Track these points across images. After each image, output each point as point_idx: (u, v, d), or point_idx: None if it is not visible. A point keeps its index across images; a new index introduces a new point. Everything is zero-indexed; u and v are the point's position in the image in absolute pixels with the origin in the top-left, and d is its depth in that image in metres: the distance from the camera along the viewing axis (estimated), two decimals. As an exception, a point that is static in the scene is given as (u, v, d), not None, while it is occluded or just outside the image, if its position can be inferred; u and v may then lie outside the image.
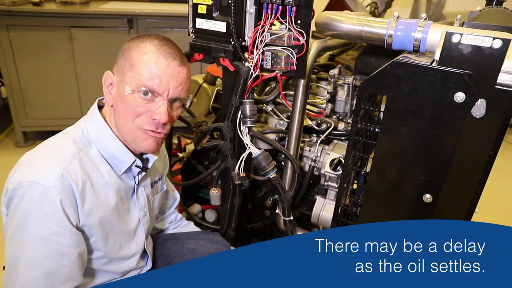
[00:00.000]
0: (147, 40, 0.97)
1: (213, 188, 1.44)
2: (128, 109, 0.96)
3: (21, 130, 3.10)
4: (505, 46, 0.85)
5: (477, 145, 0.95)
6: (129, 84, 0.94)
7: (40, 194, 0.86)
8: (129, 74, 0.95)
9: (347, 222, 1.24)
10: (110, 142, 1.00)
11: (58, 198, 0.87)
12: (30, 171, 0.89)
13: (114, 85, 0.98)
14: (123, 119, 0.98)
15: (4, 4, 2.69)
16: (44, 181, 0.87)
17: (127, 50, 0.97)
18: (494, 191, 2.83)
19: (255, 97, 1.36)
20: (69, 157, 0.92)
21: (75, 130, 1.00)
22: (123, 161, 1.02)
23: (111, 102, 0.99)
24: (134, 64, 0.94)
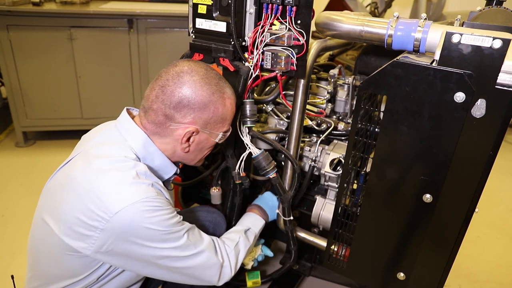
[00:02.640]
0: (223, 91, 1.03)
1: (213, 187, 1.45)
2: (208, 148, 1.11)
3: (21, 130, 3.09)
4: (505, 46, 0.85)
5: (477, 145, 0.95)
6: (220, 132, 1.07)
7: (149, 205, 0.91)
8: (220, 125, 1.06)
9: (347, 222, 1.24)
10: (157, 157, 1.04)
11: (159, 198, 0.94)
12: (127, 195, 0.90)
13: (198, 135, 1.04)
14: (198, 156, 1.12)
15: (4, 4, 2.68)
16: (143, 196, 0.91)
17: (212, 105, 1.01)
18: (494, 191, 2.83)
19: (255, 97, 1.36)
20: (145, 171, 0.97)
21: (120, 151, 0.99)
22: (167, 172, 1.08)
23: (188, 149, 1.06)
24: (225, 117, 1.06)
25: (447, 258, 1.11)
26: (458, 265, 1.75)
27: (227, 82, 1.07)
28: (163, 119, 1.00)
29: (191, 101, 0.98)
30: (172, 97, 0.97)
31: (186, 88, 0.98)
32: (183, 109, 0.98)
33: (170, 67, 1.01)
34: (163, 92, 0.98)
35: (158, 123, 1.01)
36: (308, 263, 1.74)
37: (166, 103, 0.98)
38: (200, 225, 1.32)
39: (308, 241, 1.49)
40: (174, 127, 1.00)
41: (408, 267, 1.17)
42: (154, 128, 1.02)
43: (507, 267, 2.20)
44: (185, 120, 1.00)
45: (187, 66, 1.01)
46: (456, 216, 1.05)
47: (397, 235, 1.16)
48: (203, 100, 0.99)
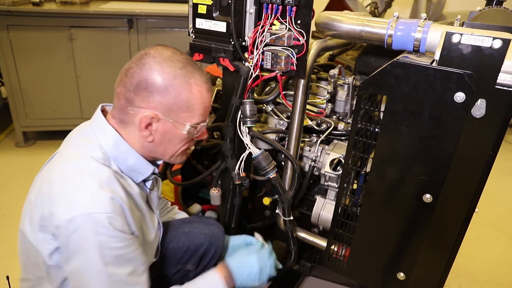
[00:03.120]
0: (192, 75, 0.96)
1: (213, 188, 1.44)
2: (178, 141, 1.01)
3: (21, 130, 3.10)
4: (505, 46, 0.85)
5: (477, 145, 0.95)
6: (187, 122, 0.97)
7: (101, 223, 0.86)
8: (186, 115, 0.96)
9: (347, 222, 1.24)
10: (129, 157, 0.99)
11: (115, 220, 0.88)
12: (78, 203, 0.87)
13: (158, 122, 0.96)
14: (168, 149, 1.02)
15: (4, 4, 2.68)
16: (98, 209, 0.86)
17: (173, 90, 0.93)
18: (494, 191, 2.83)
19: (255, 97, 1.36)
20: (108, 178, 0.92)
21: (90, 150, 0.95)
22: (143, 172, 1.03)
23: (151, 138, 0.98)
24: (192, 105, 0.96)
25: (447, 258, 1.11)
26: (458, 265, 1.75)
27: (199, 69, 0.99)
28: (124, 103, 0.94)
29: (149, 84, 0.92)
30: (132, 79, 0.92)
31: (146, 70, 0.92)
32: (142, 92, 0.92)
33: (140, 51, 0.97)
34: (126, 75, 0.94)
35: (120, 108, 0.96)
36: (308, 263, 1.74)
37: (127, 86, 0.93)
38: (194, 238, 1.31)
39: (308, 241, 1.49)
40: (133, 111, 0.94)
41: (408, 267, 1.17)
42: (118, 115, 0.97)
43: (507, 267, 2.20)
44: (143, 104, 0.93)
45: (153, 49, 0.95)
46: (456, 216, 1.05)
47: (397, 235, 1.16)
48: (162, 83, 0.92)
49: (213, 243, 1.31)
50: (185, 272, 1.32)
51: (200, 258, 1.31)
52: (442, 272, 1.13)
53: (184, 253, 1.31)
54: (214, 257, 1.31)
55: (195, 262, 1.32)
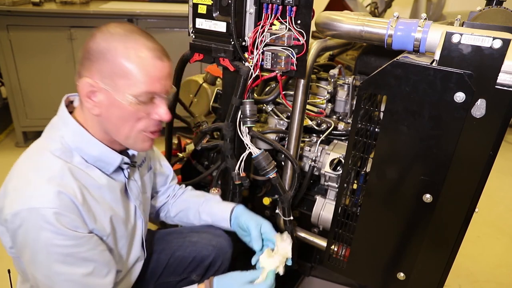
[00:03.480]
0: (131, 39, 0.89)
1: (213, 188, 1.44)
2: (127, 116, 0.92)
3: (21, 130, 3.10)
4: (505, 46, 0.85)
5: (477, 145, 0.95)
6: (127, 92, 0.88)
7: (44, 218, 0.84)
8: (124, 82, 0.88)
9: (347, 222, 1.24)
10: (92, 147, 0.95)
11: (62, 216, 0.85)
12: (23, 197, 0.85)
13: (100, 92, 0.90)
14: (120, 126, 0.93)
15: (4, 4, 2.69)
16: (43, 204, 0.84)
17: (108, 52, 0.87)
18: (494, 191, 2.83)
19: (255, 97, 1.36)
20: (59, 172, 0.88)
21: (50, 142, 0.93)
22: (110, 162, 0.98)
23: (97, 111, 0.91)
24: (129, 71, 0.87)
25: (447, 258, 1.11)
26: (458, 265, 1.75)
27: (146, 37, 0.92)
28: (76, 78, 0.92)
29: (90, 52, 0.88)
30: (81, 53, 0.91)
31: (91, 40, 0.89)
32: (85, 62, 0.89)
33: None
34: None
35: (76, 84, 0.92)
36: (308, 263, 1.74)
37: (79, 61, 0.92)
38: (201, 248, 1.29)
39: (308, 241, 1.49)
40: (79, 82, 0.90)
41: (408, 267, 1.17)
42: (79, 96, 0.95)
43: (507, 267, 2.20)
44: (86, 73, 0.89)
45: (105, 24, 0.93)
46: (456, 216, 1.05)
47: (397, 235, 1.16)
48: (100, 49, 0.87)
49: (220, 255, 1.29)
50: (190, 282, 1.31)
51: (206, 269, 1.31)
52: (442, 272, 1.13)
53: (190, 263, 1.30)
54: (220, 269, 1.31)
55: (200, 272, 1.31)
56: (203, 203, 1.33)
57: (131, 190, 1.09)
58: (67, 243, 0.87)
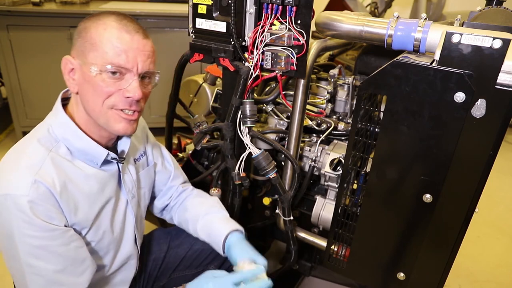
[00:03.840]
0: (105, 17, 0.92)
1: (213, 188, 1.44)
2: (97, 91, 0.91)
3: (21, 130, 3.10)
4: (505, 46, 0.85)
5: (477, 145, 0.95)
6: (95, 64, 0.90)
7: (17, 206, 0.83)
8: (92, 54, 0.90)
9: (347, 222, 1.24)
10: (77, 139, 0.95)
11: (36, 205, 0.84)
12: (1, 183, 0.86)
13: (76, 69, 0.94)
14: (92, 103, 0.93)
15: (4, 4, 2.69)
16: (17, 191, 0.83)
17: (83, 30, 0.92)
18: (494, 191, 2.83)
19: (255, 97, 1.36)
20: (39, 160, 0.88)
21: (40, 130, 0.96)
22: (96, 156, 0.98)
23: (76, 89, 0.95)
24: (96, 42, 0.89)
25: (447, 258, 1.11)
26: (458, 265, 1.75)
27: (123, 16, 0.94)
28: None
29: (75, 33, 0.95)
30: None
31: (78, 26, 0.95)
32: (73, 43, 0.95)
33: None
34: None
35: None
36: (308, 263, 1.74)
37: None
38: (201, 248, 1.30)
39: (308, 241, 1.49)
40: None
41: (408, 267, 1.17)
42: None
43: (507, 267, 2.20)
44: (70, 53, 0.95)
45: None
46: (456, 216, 1.05)
47: (397, 235, 1.16)
48: (78, 29, 0.93)
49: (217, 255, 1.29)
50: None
51: (223, 261, 1.31)
52: (442, 272, 1.13)
53: (208, 255, 1.31)
54: None
55: (218, 263, 1.32)
56: (202, 218, 1.24)
57: (125, 183, 1.09)
58: (39, 234, 0.86)
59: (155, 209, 1.36)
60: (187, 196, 1.34)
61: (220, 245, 1.16)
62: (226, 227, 1.18)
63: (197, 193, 1.35)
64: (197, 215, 1.25)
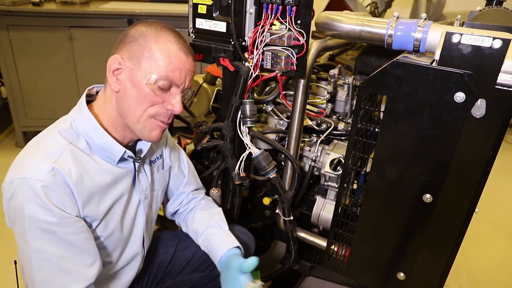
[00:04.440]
0: (165, 32, 0.97)
1: (213, 188, 1.44)
2: (142, 98, 0.96)
3: (21, 130, 3.10)
4: (505, 46, 0.85)
5: (477, 145, 0.95)
6: (149, 73, 0.94)
7: (33, 189, 0.86)
8: (148, 63, 0.94)
9: (347, 222, 1.24)
10: (97, 135, 0.98)
11: (51, 191, 0.87)
12: (20, 168, 0.89)
13: (125, 71, 0.96)
14: (134, 107, 0.97)
15: (4, 4, 2.69)
16: (35, 176, 0.86)
17: (141, 37, 0.95)
18: (494, 191, 2.83)
19: (255, 97, 1.36)
20: (59, 150, 0.92)
21: (63, 122, 1.00)
22: (113, 153, 1.01)
23: (118, 88, 0.97)
24: (154, 54, 0.94)
25: (447, 258, 1.11)
26: (458, 265, 1.75)
27: (178, 34, 1.01)
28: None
29: (126, 35, 0.98)
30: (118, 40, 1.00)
31: (130, 28, 0.99)
32: (120, 44, 0.98)
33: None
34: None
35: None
36: (308, 263, 1.74)
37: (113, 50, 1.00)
38: None
39: (308, 241, 1.49)
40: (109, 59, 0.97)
41: (408, 267, 1.17)
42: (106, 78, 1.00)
43: (507, 267, 2.20)
44: (116, 52, 0.98)
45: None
46: (456, 216, 1.05)
47: (397, 235, 1.16)
48: (135, 34, 0.96)
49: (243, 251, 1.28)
50: (213, 277, 1.33)
51: None
52: (442, 272, 1.13)
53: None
54: None
55: None
56: (201, 234, 1.26)
57: (139, 182, 1.11)
58: (51, 219, 0.88)
59: (167, 212, 1.38)
60: (195, 206, 1.34)
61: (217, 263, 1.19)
62: (224, 245, 1.19)
63: (204, 205, 1.34)
64: (197, 230, 1.27)
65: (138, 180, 1.10)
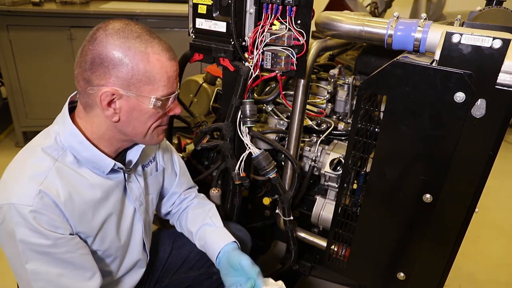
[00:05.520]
0: (146, 42, 0.89)
1: (213, 188, 1.44)
2: (147, 118, 0.94)
3: (21, 130, 3.10)
4: (505, 46, 0.85)
5: (477, 145, 0.95)
6: (151, 96, 0.91)
7: (21, 215, 0.83)
8: (148, 88, 0.89)
9: (347, 222, 1.24)
10: (84, 149, 0.94)
11: (40, 215, 0.84)
12: (6, 193, 0.86)
13: (120, 99, 0.90)
14: (139, 127, 0.96)
15: (4, 4, 2.69)
16: (21, 201, 0.84)
17: (126, 58, 0.86)
18: (494, 191, 2.83)
19: (255, 97, 1.36)
20: (44, 171, 0.88)
21: (47, 137, 0.95)
22: (103, 165, 0.97)
23: (117, 118, 0.92)
24: (152, 76, 0.89)
25: (447, 258, 1.11)
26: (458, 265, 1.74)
27: (157, 38, 0.93)
28: (83, 84, 0.89)
29: (103, 59, 0.86)
30: (86, 57, 0.87)
31: (98, 45, 0.86)
32: (98, 68, 0.86)
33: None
34: (80, 54, 0.89)
35: (82, 90, 0.91)
36: (308, 263, 1.74)
37: (83, 65, 0.88)
38: None
39: (308, 241, 1.49)
40: (93, 91, 0.88)
41: (408, 267, 1.17)
42: (82, 99, 0.93)
43: (507, 267, 2.20)
44: (102, 82, 0.87)
45: (105, 23, 0.90)
46: (456, 216, 1.05)
47: (397, 235, 1.16)
48: (116, 56, 0.86)
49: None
50: (210, 274, 1.33)
51: None
52: (442, 272, 1.13)
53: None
54: None
55: None
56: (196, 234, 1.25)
57: (131, 191, 1.08)
58: (44, 242, 0.86)
59: (159, 213, 1.37)
60: (188, 205, 1.33)
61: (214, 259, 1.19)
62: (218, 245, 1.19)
63: (196, 204, 1.33)
64: (192, 230, 1.26)
65: (130, 189, 1.07)
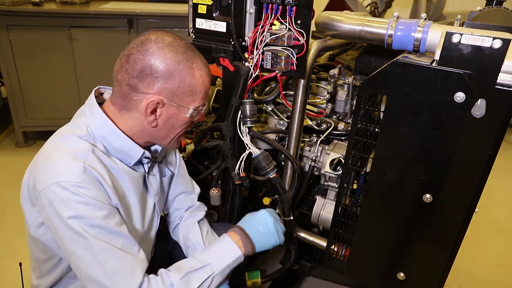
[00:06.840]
0: (192, 57, 0.97)
1: (213, 188, 1.44)
2: (181, 125, 1.02)
3: (21, 130, 3.10)
4: (505, 46, 0.85)
5: (477, 145, 0.95)
6: (190, 107, 0.99)
7: (72, 191, 0.87)
8: (189, 99, 0.98)
9: (347, 222, 1.24)
10: (115, 138, 0.98)
11: (88, 190, 0.89)
12: (50, 173, 0.89)
13: (162, 107, 0.96)
14: (171, 133, 1.03)
15: (4, 4, 2.68)
16: (70, 178, 0.87)
17: (176, 72, 0.94)
18: (494, 191, 2.83)
19: (255, 97, 1.36)
20: (85, 151, 0.92)
21: (76, 129, 0.97)
22: (132, 155, 1.01)
23: (155, 123, 0.98)
24: (194, 89, 0.97)
25: (447, 258, 1.11)
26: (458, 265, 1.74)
27: (199, 54, 1.01)
28: (127, 90, 0.95)
29: (154, 70, 0.93)
30: (135, 66, 0.93)
31: (149, 56, 0.92)
32: (147, 78, 0.93)
33: (138, 36, 0.97)
34: (127, 61, 0.94)
35: (123, 94, 0.96)
36: (308, 263, 1.74)
37: (130, 72, 0.93)
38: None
39: (308, 241, 1.49)
40: (138, 97, 0.94)
41: (408, 267, 1.17)
42: (120, 101, 0.97)
43: (507, 267, 2.20)
44: (149, 90, 0.94)
45: (153, 34, 0.96)
46: (456, 216, 1.05)
47: (397, 235, 1.16)
48: (167, 69, 0.93)
49: None
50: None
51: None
52: (442, 272, 1.13)
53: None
54: None
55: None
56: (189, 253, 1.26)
57: (151, 185, 1.11)
58: (97, 213, 0.89)
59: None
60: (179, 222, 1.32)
61: None
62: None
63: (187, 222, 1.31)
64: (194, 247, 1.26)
65: (149, 183, 1.10)
